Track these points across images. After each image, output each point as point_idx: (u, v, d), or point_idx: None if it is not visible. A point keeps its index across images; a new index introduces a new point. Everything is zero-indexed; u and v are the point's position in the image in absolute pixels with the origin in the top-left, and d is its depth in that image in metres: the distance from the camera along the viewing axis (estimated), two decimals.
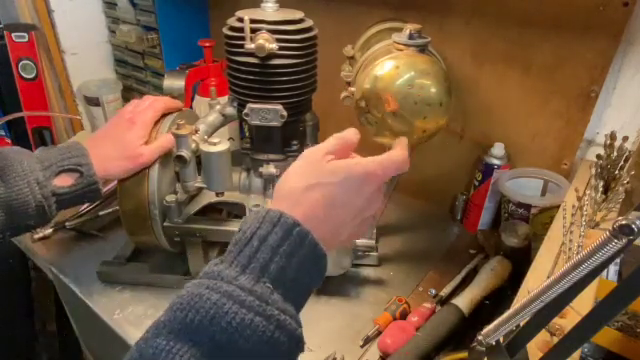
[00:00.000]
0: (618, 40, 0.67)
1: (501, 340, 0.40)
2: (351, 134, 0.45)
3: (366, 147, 0.82)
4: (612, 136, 0.63)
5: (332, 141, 0.44)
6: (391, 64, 0.60)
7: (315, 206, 0.38)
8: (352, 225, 0.41)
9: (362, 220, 0.43)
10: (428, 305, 0.69)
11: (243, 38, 0.61)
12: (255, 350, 0.30)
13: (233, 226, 0.71)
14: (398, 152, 0.46)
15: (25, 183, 0.57)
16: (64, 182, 0.61)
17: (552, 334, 0.46)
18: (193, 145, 0.65)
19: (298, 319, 0.34)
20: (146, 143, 0.66)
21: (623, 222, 0.27)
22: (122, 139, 0.65)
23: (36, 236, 0.85)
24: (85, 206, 0.92)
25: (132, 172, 0.66)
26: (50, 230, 0.87)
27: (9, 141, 1.18)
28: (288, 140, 0.72)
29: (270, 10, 0.64)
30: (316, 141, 0.80)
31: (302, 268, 0.35)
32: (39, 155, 0.62)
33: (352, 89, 0.67)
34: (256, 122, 0.66)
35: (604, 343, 0.52)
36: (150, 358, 0.30)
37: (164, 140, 0.66)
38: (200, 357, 0.30)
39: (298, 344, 0.33)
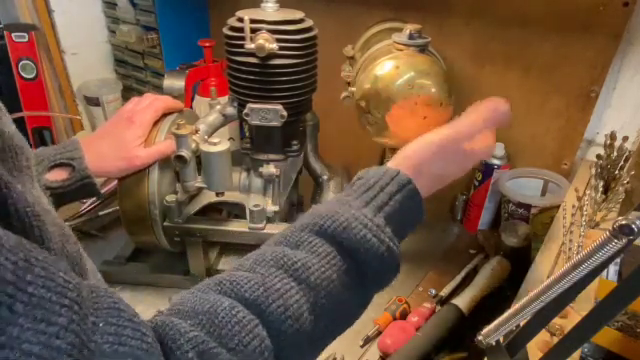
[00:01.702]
0: (618, 40, 0.67)
1: (501, 340, 0.40)
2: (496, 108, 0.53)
3: (366, 147, 0.83)
4: (612, 136, 0.63)
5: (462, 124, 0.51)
6: (391, 64, 0.60)
7: (429, 181, 0.47)
8: (452, 175, 0.51)
9: (461, 169, 0.51)
10: (428, 305, 0.69)
11: (243, 38, 0.61)
12: (368, 260, 0.39)
13: (233, 226, 0.71)
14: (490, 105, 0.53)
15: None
16: (57, 176, 0.61)
17: (552, 334, 0.46)
18: (193, 145, 0.65)
19: (400, 251, 0.42)
20: (145, 142, 0.66)
21: (623, 222, 0.27)
22: (119, 138, 0.65)
23: None
24: (85, 206, 0.92)
25: (127, 172, 0.66)
26: None
27: None
28: (288, 140, 0.72)
29: (270, 10, 0.64)
30: (316, 141, 0.80)
31: (407, 217, 0.44)
32: (37, 152, 0.62)
33: (352, 89, 0.67)
34: (256, 122, 0.66)
35: (604, 343, 0.52)
36: (295, 243, 0.39)
37: (163, 145, 0.66)
38: (330, 252, 0.39)
39: (397, 267, 0.42)
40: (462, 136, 0.50)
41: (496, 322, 0.38)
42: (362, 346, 0.66)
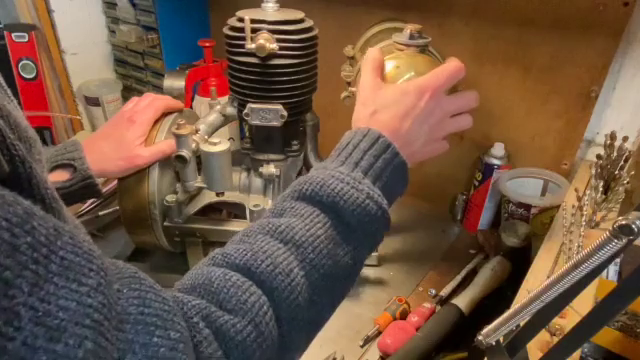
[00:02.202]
0: (618, 40, 0.67)
1: (501, 340, 0.40)
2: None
3: None
4: (612, 136, 0.63)
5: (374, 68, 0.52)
6: (391, 64, 0.60)
7: (385, 126, 0.46)
8: (422, 134, 0.49)
9: (430, 129, 0.50)
10: (428, 305, 0.69)
11: (243, 38, 0.61)
12: (350, 211, 0.40)
13: (233, 226, 0.71)
14: (450, 63, 0.51)
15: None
16: (59, 177, 0.61)
17: (552, 334, 0.46)
18: (193, 145, 0.65)
19: (383, 199, 0.42)
20: (145, 142, 0.66)
21: (623, 222, 0.27)
22: (120, 138, 0.65)
23: None
24: (85, 206, 0.92)
25: (128, 172, 0.66)
26: None
27: None
28: (288, 140, 0.72)
29: (270, 10, 0.64)
30: (316, 141, 0.80)
31: (386, 168, 0.44)
32: None
33: (352, 89, 0.67)
34: (256, 122, 0.66)
35: (604, 343, 0.52)
36: (279, 212, 0.41)
37: (164, 145, 0.66)
38: (313, 212, 0.40)
39: (384, 214, 0.42)
40: (426, 85, 0.49)
41: (496, 322, 0.38)
42: (362, 346, 0.66)
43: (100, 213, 0.91)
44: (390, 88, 0.50)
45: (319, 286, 0.39)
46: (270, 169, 0.70)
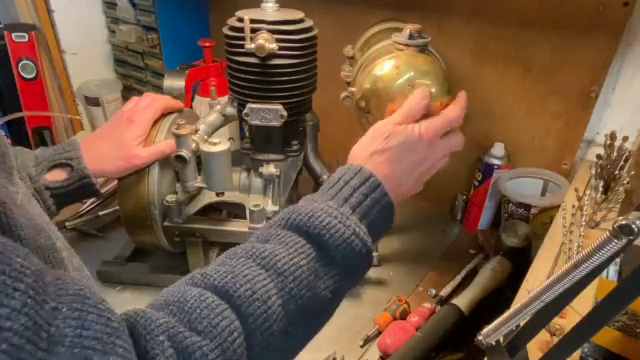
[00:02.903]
0: (618, 40, 0.67)
1: (501, 340, 0.40)
2: (414, 102, 0.54)
3: None
4: (612, 136, 0.63)
5: (398, 113, 0.53)
6: (391, 64, 0.60)
7: (380, 167, 0.48)
8: (412, 177, 0.52)
9: (419, 173, 0.53)
10: (428, 305, 0.69)
11: (243, 38, 0.61)
12: (335, 245, 0.40)
13: (233, 226, 0.71)
14: (450, 110, 0.55)
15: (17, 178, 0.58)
16: (57, 177, 0.62)
17: (552, 334, 0.46)
18: (193, 145, 0.65)
19: (369, 237, 0.43)
20: (145, 142, 0.66)
21: (623, 222, 0.27)
22: (119, 138, 0.65)
23: None
24: (85, 206, 0.92)
25: (127, 172, 0.66)
26: None
27: (9, 141, 1.18)
28: (288, 140, 0.72)
29: (270, 10, 0.64)
30: (316, 141, 0.79)
31: (374, 207, 0.45)
32: (36, 153, 0.63)
33: (352, 89, 0.67)
34: (256, 122, 0.66)
35: (604, 343, 0.52)
36: (264, 238, 0.41)
37: (164, 145, 0.66)
38: (299, 241, 0.40)
39: (368, 253, 0.43)
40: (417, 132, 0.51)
41: (496, 322, 0.38)
42: (362, 346, 0.66)
43: (100, 213, 0.91)
44: (396, 136, 0.50)
45: (295, 317, 0.38)
46: (270, 169, 0.70)
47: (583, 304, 0.47)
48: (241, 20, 0.62)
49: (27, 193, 0.39)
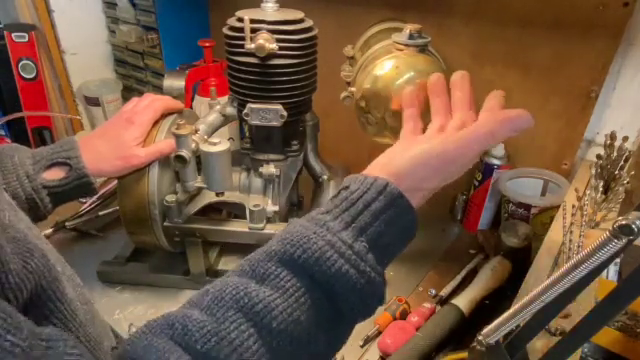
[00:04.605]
0: (618, 40, 0.67)
1: (501, 340, 0.40)
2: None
3: (366, 147, 0.83)
4: (612, 136, 0.63)
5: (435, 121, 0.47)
6: (391, 64, 0.60)
7: (415, 181, 0.41)
8: (432, 189, 0.44)
9: (438, 186, 0.44)
10: (428, 305, 0.70)
11: (243, 38, 0.61)
12: (345, 295, 0.35)
13: (233, 226, 0.71)
14: (479, 127, 0.45)
15: (14, 176, 0.58)
16: (55, 175, 0.62)
17: (552, 334, 0.46)
18: (193, 145, 0.65)
19: (384, 279, 0.37)
20: (145, 142, 0.66)
21: (623, 222, 0.27)
22: (117, 138, 0.65)
23: None
24: (85, 206, 0.92)
25: (125, 172, 0.66)
26: (50, 230, 0.87)
27: (9, 141, 1.18)
28: (288, 140, 0.72)
29: (270, 10, 0.64)
30: (316, 141, 0.80)
31: (397, 237, 0.38)
32: (34, 152, 0.63)
33: (352, 89, 0.67)
34: (256, 122, 0.66)
35: (604, 343, 0.52)
36: (261, 276, 0.35)
37: (163, 145, 0.66)
38: (300, 288, 0.34)
39: (381, 300, 0.37)
40: (450, 152, 0.43)
41: (496, 322, 0.38)
42: (362, 346, 0.66)
43: (100, 213, 0.91)
44: (432, 143, 0.43)
45: None
46: (270, 169, 0.70)
47: (583, 304, 0.47)
48: (241, 20, 0.62)
49: (14, 207, 0.36)
